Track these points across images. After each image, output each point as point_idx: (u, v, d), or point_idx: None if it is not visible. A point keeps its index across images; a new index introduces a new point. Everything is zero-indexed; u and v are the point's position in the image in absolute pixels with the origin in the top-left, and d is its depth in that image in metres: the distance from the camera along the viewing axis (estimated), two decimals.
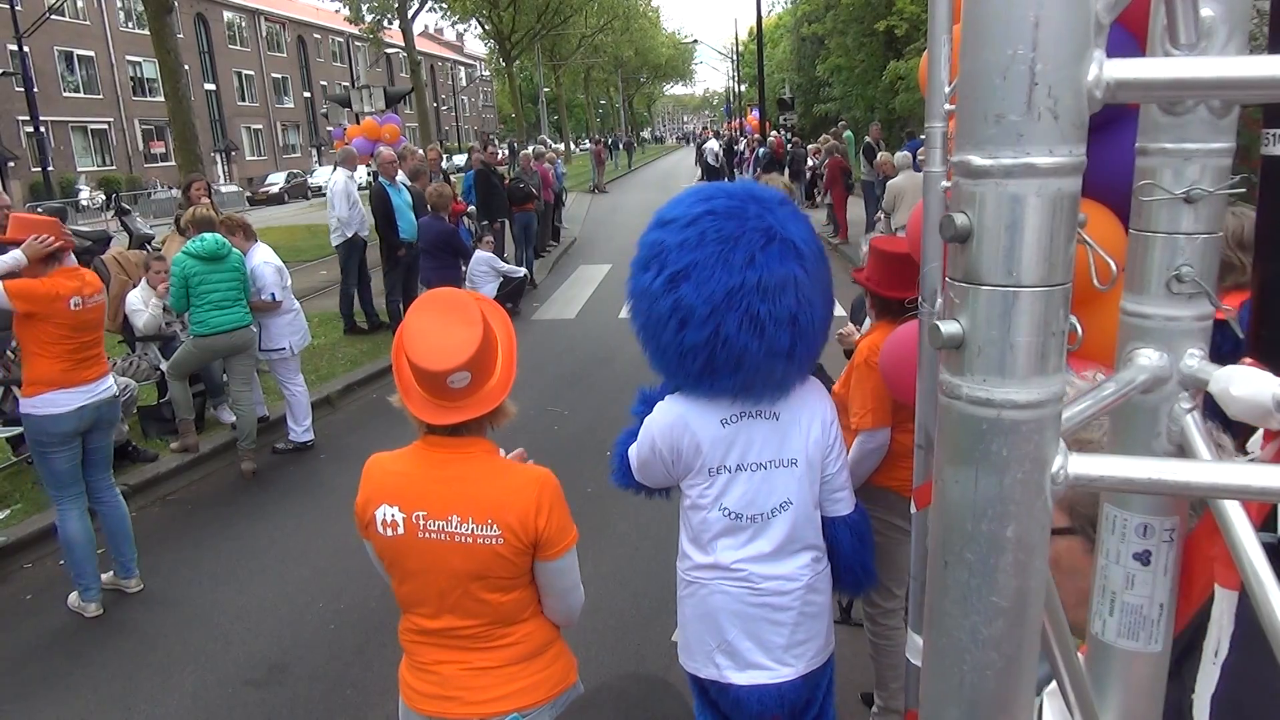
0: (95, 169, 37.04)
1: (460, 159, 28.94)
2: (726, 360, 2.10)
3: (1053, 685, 0.75)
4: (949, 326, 0.51)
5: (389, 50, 42.38)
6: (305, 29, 54.36)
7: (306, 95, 53.42)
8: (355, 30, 36.04)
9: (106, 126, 38.95)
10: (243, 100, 47.70)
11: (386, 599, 2.44)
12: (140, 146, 40.62)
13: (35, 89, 26.35)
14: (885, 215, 10.76)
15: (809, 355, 2.23)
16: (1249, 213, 2.15)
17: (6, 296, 3.99)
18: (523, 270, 11.45)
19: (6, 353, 5.69)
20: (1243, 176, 0.69)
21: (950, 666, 0.55)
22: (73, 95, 37.08)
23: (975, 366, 0.51)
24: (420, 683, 2.08)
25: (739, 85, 49.51)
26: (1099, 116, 0.50)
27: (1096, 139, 0.70)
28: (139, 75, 40.56)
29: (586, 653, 3.51)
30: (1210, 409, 0.70)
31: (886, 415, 2.87)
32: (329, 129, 30.25)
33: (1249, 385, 0.65)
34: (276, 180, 37.94)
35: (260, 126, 49.39)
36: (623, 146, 46.63)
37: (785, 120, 25.36)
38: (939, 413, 0.54)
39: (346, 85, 17.76)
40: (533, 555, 1.99)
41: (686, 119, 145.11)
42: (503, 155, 18.46)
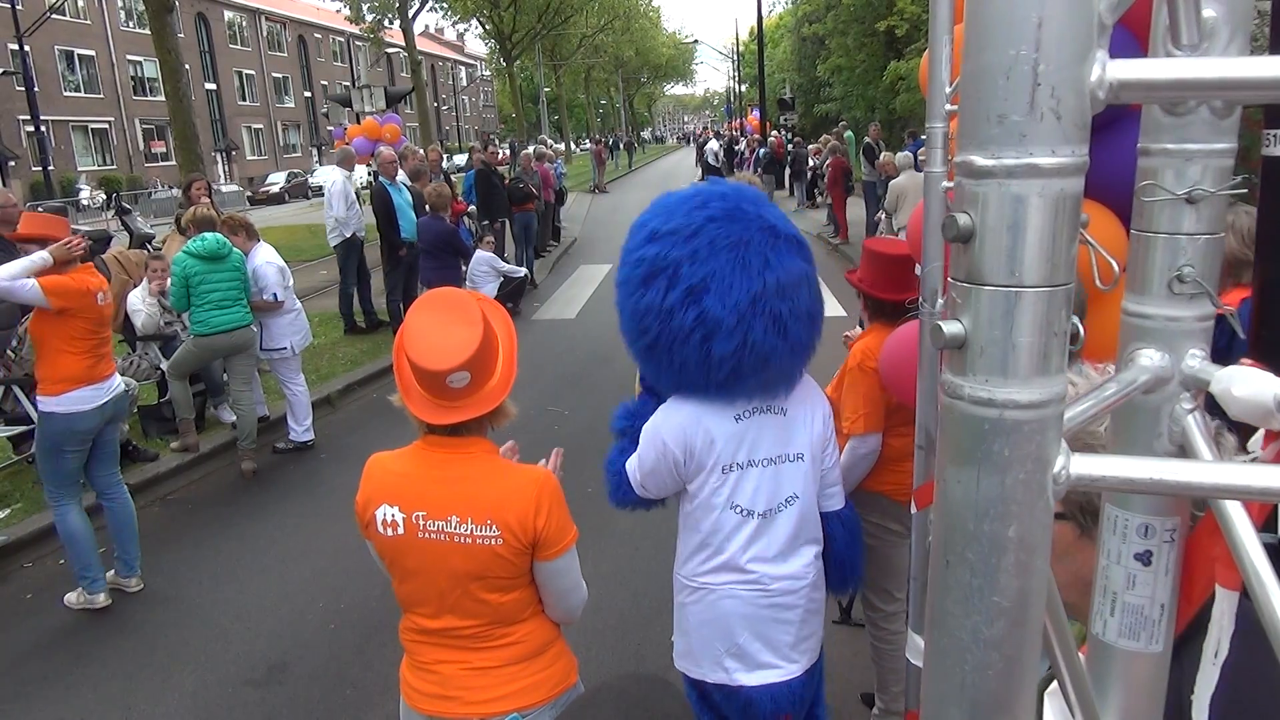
0: (96, 168, 37.04)
1: (461, 159, 28.96)
2: (753, 364, 2.09)
3: (1054, 685, 0.75)
4: (951, 326, 0.51)
5: (390, 50, 42.33)
6: (306, 29, 54.36)
7: (307, 95, 53.42)
8: (356, 30, 36.02)
9: (107, 126, 38.95)
10: (243, 100, 47.70)
11: (386, 599, 2.45)
12: (141, 146, 40.62)
13: (36, 88, 26.33)
14: (887, 215, 10.77)
15: (815, 348, 2.25)
16: None
17: (42, 294, 3.99)
18: (523, 270, 11.45)
19: (6, 352, 5.69)
20: (1243, 177, 0.69)
21: (951, 666, 0.55)
22: (73, 95, 37.09)
23: (977, 366, 0.51)
24: (421, 682, 2.08)
25: (739, 85, 49.48)
26: (1101, 117, 0.50)
27: (1098, 139, 0.70)
28: (139, 75, 40.56)
29: (586, 653, 3.52)
30: (1213, 406, 0.70)
31: (879, 420, 2.87)
32: (330, 129, 30.25)
33: (1250, 386, 0.65)
34: (277, 180, 37.89)
35: (261, 126, 49.38)
36: (623, 146, 46.60)
37: (786, 120, 25.35)
38: (941, 413, 0.54)
39: (347, 85, 17.74)
40: (532, 555, 1.99)
41: (687, 119, 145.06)
42: (503, 155, 18.46)
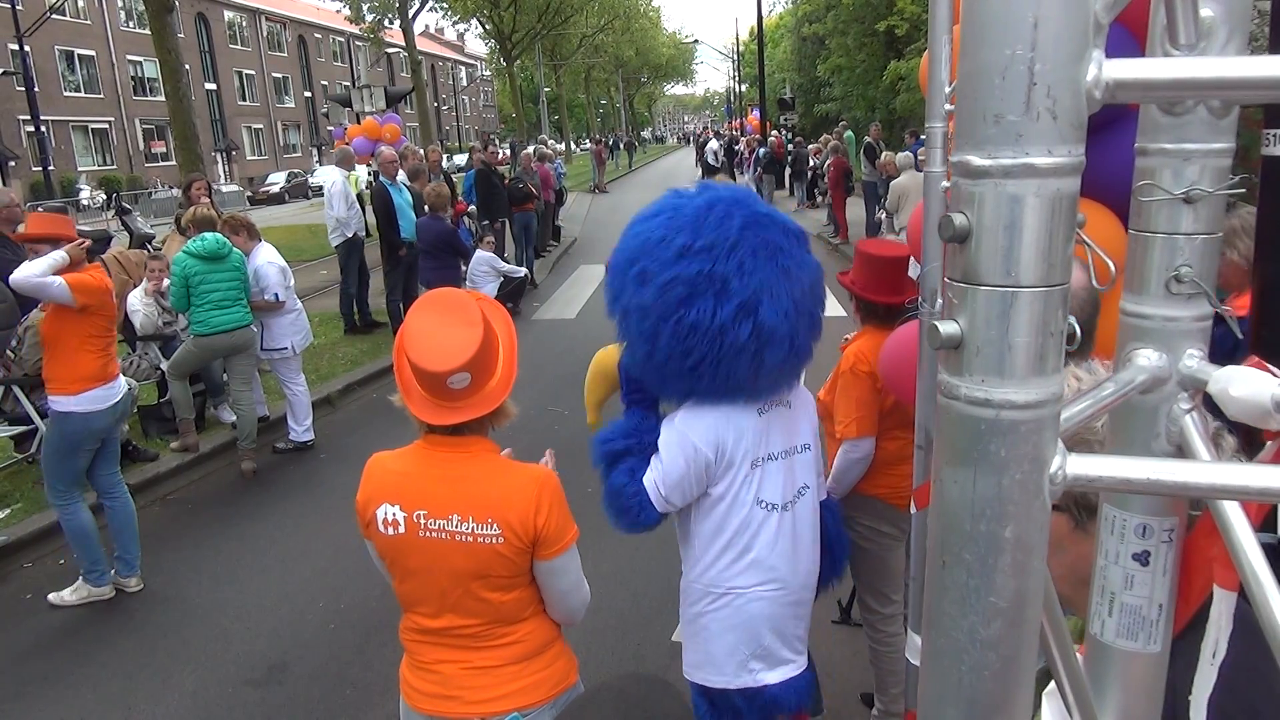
0: (96, 168, 37.05)
1: (461, 159, 28.93)
2: (795, 365, 2.15)
3: (1052, 685, 0.75)
4: (948, 327, 0.51)
5: (390, 50, 42.34)
6: (306, 29, 54.36)
7: (307, 95, 53.42)
8: (356, 30, 36.04)
9: (107, 126, 38.95)
10: (243, 100, 47.70)
11: (386, 599, 2.44)
12: (141, 146, 40.62)
13: (36, 88, 26.33)
14: (888, 215, 10.77)
15: None
16: None
17: (70, 292, 4.01)
18: (523, 270, 11.44)
19: (6, 352, 5.69)
20: (1242, 177, 0.69)
21: (949, 667, 0.55)
22: (73, 95, 37.08)
23: (974, 367, 0.51)
24: (421, 682, 2.08)
25: (740, 85, 49.47)
26: (1098, 117, 0.50)
27: (1096, 139, 0.70)
28: (140, 75, 40.56)
29: (586, 652, 3.51)
30: (1214, 407, 0.69)
31: (872, 425, 2.86)
32: (330, 129, 30.21)
33: (1248, 386, 0.65)
34: (277, 180, 37.87)
35: (261, 126, 49.39)
36: (623, 146, 46.61)
37: (786, 120, 25.34)
38: (938, 413, 0.54)
39: (347, 85, 17.76)
40: (532, 554, 1.99)
41: (687, 119, 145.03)
42: (503, 155, 18.45)
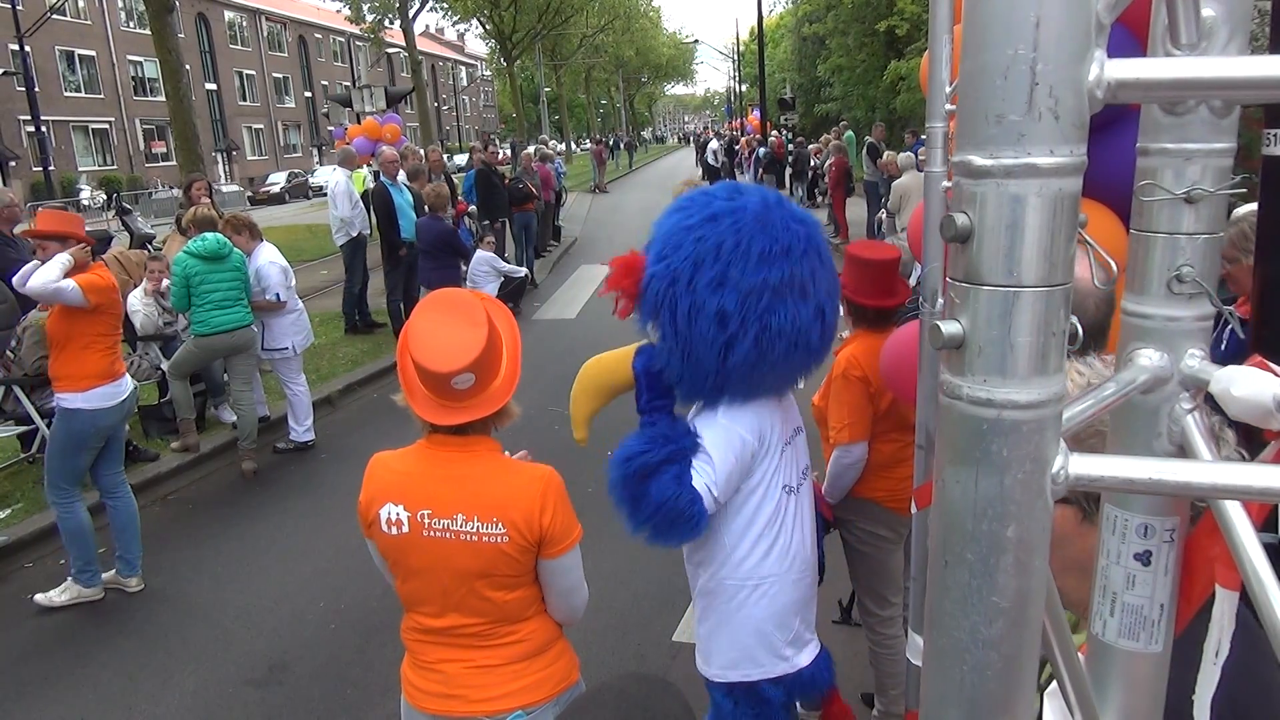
0: (96, 168, 37.05)
1: (461, 159, 28.94)
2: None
3: (1054, 685, 0.75)
4: (950, 327, 0.51)
5: (390, 50, 42.37)
6: (306, 29, 54.36)
7: (307, 95, 53.41)
8: (356, 30, 36.08)
9: (107, 126, 38.95)
10: (244, 100, 47.70)
11: (387, 598, 2.45)
12: (141, 146, 40.62)
13: (36, 88, 26.34)
14: (890, 216, 10.76)
15: None
16: None
17: (82, 294, 4.03)
18: (524, 270, 11.44)
19: (6, 353, 5.69)
20: (1243, 177, 0.69)
21: (950, 667, 0.55)
22: (74, 95, 37.09)
23: (976, 367, 0.51)
24: (424, 681, 2.08)
25: (740, 85, 49.45)
26: (1100, 116, 0.50)
27: (1097, 139, 0.70)
28: (140, 75, 40.56)
29: (587, 652, 3.50)
30: (1213, 403, 0.69)
31: (865, 429, 2.86)
32: (330, 129, 30.23)
33: (1250, 386, 0.65)
34: (277, 180, 37.85)
35: (261, 126, 49.38)
36: (624, 146, 46.61)
37: (786, 120, 25.33)
38: (939, 413, 0.54)
39: (348, 85, 17.76)
40: (536, 553, 1.99)
41: (687, 119, 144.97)
42: (504, 155, 18.44)
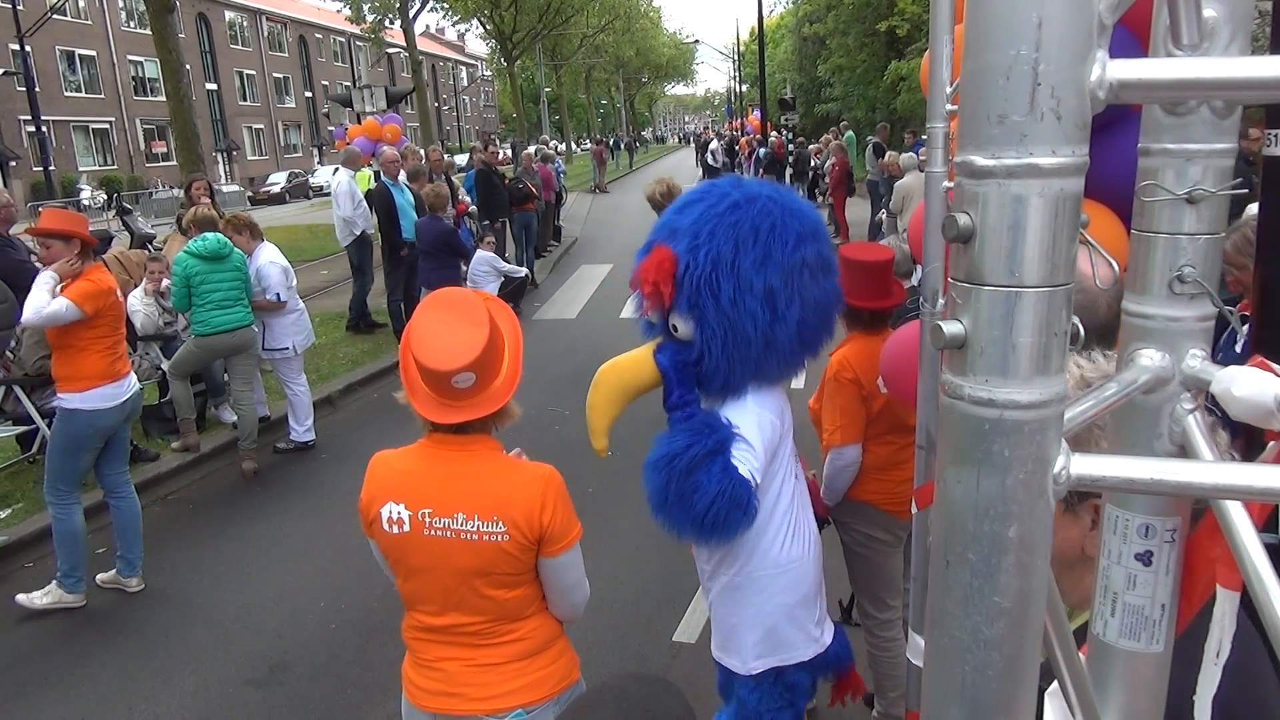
0: (97, 168, 37.05)
1: (461, 159, 28.92)
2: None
3: (1054, 685, 0.75)
4: (951, 327, 0.51)
5: (390, 50, 42.32)
6: (307, 29, 54.35)
7: (308, 95, 53.39)
8: (357, 30, 36.03)
9: (108, 126, 38.95)
10: (244, 100, 47.70)
11: (388, 598, 2.45)
12: (142, 146, 40.62)
13: (37, 88, 26.33)
14: (892, 216, 10.76)
15: None
16: None
17: (78, 308, 3.99)
18: (524, 270, 11.44)
19: (6, 353, 5.69)
20: (1244, 177, 0.69)
21: (952, 667, 0.55)
22: (74, 95, 37.09)
23: (977, 367, 0.51)
24: (424, 680, 2.08)
25: (740, 85, 49.45)
26: (1101, 117, 0.50)
27: (1099, 139, 0.70)
28: (140, 75, 40.56)
29: (588, 652, 3.50)
30: (1214, 404, 0.70)
31: (858, 431, 2.86)
32: (330, 129, 30.18)
33: (1251, 386, 0.65)
34: (278, 180, 37.83)
35: (262, 126, 49.37)
36: (624, 146, 46.58)
37: (786, 120, 25.33)
38: (941, 413, 0.54)
39: (348, 85, 17.73)
40: (537, 551, 1.99)
41: (688, 119, 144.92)
42: (504, 155, 18.43)
